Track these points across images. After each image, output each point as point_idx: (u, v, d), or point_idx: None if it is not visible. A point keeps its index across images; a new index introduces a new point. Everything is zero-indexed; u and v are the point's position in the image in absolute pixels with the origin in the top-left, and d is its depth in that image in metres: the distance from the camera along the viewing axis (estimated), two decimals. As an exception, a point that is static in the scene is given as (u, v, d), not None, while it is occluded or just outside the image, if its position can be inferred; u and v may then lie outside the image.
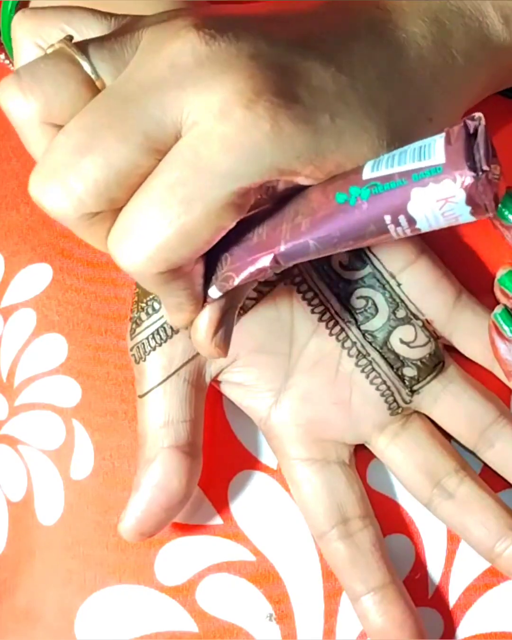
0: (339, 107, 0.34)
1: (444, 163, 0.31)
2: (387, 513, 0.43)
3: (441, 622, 0.43)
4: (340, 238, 0.33)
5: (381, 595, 0.41)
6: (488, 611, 0.42)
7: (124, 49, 0.35)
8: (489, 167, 0.31)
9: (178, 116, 0.33)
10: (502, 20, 0.39)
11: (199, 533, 0.43)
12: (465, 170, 0.31)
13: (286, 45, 0.34)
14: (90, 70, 0.34)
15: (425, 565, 0.43)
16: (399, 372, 0.42)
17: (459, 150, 0.31)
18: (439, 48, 0.37)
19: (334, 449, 0.42)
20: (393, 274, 0.42)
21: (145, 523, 0.41)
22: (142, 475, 0.41)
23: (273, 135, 0.32)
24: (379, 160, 0.33)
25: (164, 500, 0.41)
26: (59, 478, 0.44)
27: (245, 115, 0.32)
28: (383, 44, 0.36)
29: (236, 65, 0.33)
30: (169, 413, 0.41)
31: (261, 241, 0.35)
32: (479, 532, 0.41)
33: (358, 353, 0.42)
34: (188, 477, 0.41)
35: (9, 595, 0.44)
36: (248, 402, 0.43)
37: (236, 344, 0.41)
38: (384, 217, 0.32)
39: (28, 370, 0.45)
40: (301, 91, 0.33)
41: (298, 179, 0.34)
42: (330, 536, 0.42)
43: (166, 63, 0.33)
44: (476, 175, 0.31)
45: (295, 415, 0.42)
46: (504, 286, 0.41)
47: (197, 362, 0.42)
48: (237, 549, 0.43)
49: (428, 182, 0.31)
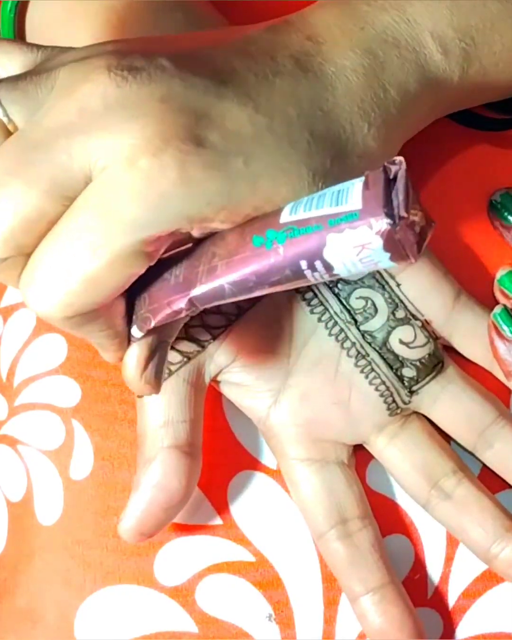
0: (254, 150, 0.33)
1: (360, 209, 0.30)
2: (386, 514, 0.43)
3: (440, 623, 0.43)
4: (255, 282, 0.33)
5: (380, 596, 0.41)
6: (487, 612, 0.42)
7: (38, 89, 0.34)
8: (408, 212, 0.30)
9: (86, 162, 0.32)
10: (441, 49, 0.38)
11: (198, 533, 0.43)
12: (381, 216, 0.30)
13: (203, 85, 0.33)
14: (2, 114, 0.33)
15: (424, 566, 0.43)
16: (399, 373, 0.42)
17: (377, 195, 0.30)
18: (371, 81, 0.36)
19: (333, 449, 0.42)
20: (392, 275, 0.42)
21: (145, 523, 0.41)
22: (141, 475, 0.41)
23: (180, 183, 0.32)
24: (298, 203, 0.32)
25: (164, 500, 0.41)
26: (59, 478, 0.44)
27: (152, 164, 0.32)
28: (308, 79, 0.35)
29: (146, 109, 0.32)
30: (168, 413, 0.41)
31: (178, 283, 0.34)
32: (476, 533, 0.41)
33: (357, 353, 0.42)
34: (188, 477, 0.41)
35: (9, 595, 0.44)
36: (247, 402, 0.43)
37: (236, 344, 0.42)
38: (300, 262, 0.32)
39: (28, 370, 0.45)
40: (212, 135, 0.33)
41: (212, 224, 0.33)
42: (329, 536, 0.41)
43: (76, 107, 0.33)
44: (392, 222, 0.30)
45: (294, 415, 0.42)
46: (504, 286, 0.42)
47: (196, 362, 0.42)
48: (237, 549, 0.43)
49: (344, 228, 0.31)
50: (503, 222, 0.41)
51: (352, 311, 0.42)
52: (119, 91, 0.33)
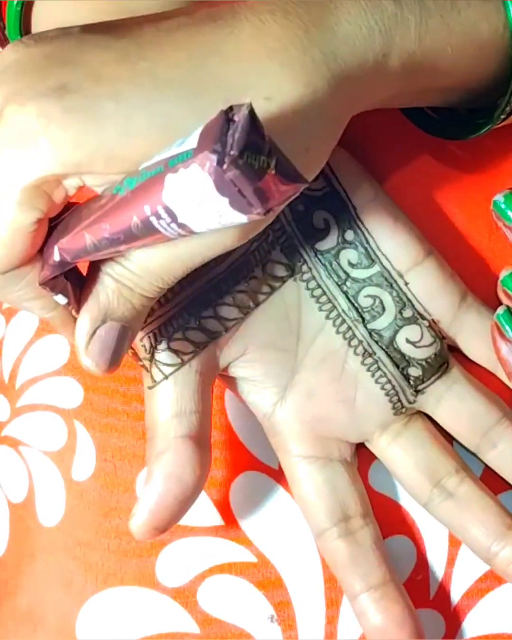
0: (128, 92, 0.32)
1: (194, 148, 0.29)
2: (389, 514, 0.43)
3: (443, 624, 0.43)
4: (110, 232, 0.32)
5: (381, 593, 0.41)
6: (490, 613, 0.42)
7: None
8: (243, 153, 0.28)
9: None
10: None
11: (200, 534, 0.43)
12: (209, 153, 0.28)
13: (85, 39, 0.34)
14: None
15: (427, 567, 0.43)
16: (405, 372, 0.42)
17: (210, 134, 0.28)
18: (291, 22, 0.34)
19: (336, 447, 0.42)
20: (401, 273, 0.42)
21: (159, 516, 0.39)
22: (154, 467, 0.39)
23: (42, 128, 0.32)
24: (162, 151, 0.31)
25: (179, 492, 0.39)
26: (61, 479, 0.44)
27: (16, 113, 0.32)
28: (214, 27, 0.34)
29: (29, 65, 0.33)
30: (180, 403, 0.40)
31: (57, 237, 0.34)
32: (476, 532, 0.41)
33: (364, 352, 0.42)
34: (202, 467, 0.40)
35: (10, 596, 0.44)
36: (253, 397, 0.42)
37: (245, 339, 0.41)
38: (144, 208, 0.30)
39: (30, 371, 0.45)
40: (80, 80, 0.33)
41: (95, 174, 0.33)
42: (330, 534, 0.41)
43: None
44: (221, 159, 0.28)
45: (299, 412, 0.42)
46: (507, 287, 0.42)
47: (207, 354, 0.41)
48: (239, 550, 0.43)
49: (179, 168, 0.29)
50: (507, 222, 0.41)
51: (360, 309, 0.42)
52: (25, 52, 0.34)
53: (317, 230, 0.42)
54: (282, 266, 0.42)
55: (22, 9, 0.42)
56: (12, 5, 0.41)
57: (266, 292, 0.42)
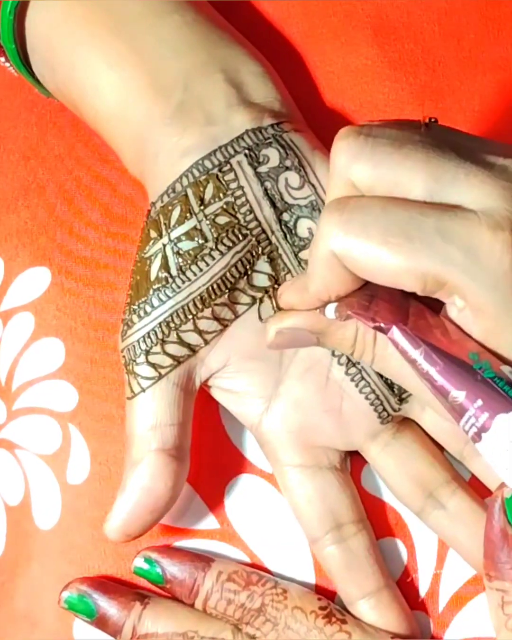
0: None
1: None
2: (379, 516, 0.43)
3: (430, 625, 0.43)
4: (436, 372, 0.34)
5: (376, 600, 0.42)
6: (477, 615, 0.43)
7: None
8: None
9: None
10: None
11: (195, 537, 0.43)
12: None
13: None
14: None
15: (416, 569, 0.43)
16: (388, 381, 0.42)
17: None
18: None
19: (325, 455, 0.42)
20: None
21: (131, 524, 0.41)
22: (128, 477, 0.41)
23: None
24: None
25: (150, 503, 0.40)
26: (56, 483, 0.44)
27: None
28: None
29: None
30: (157, 416, 0.41)
31: (397, 311, 0.36)
32: (469, 544, 0.41)
33: (348, 361, 0.42)
34: (174, 480, 0.41)
35: (7, 598, 0.44)
36: (239, 408, 0.42)
37: (227, 350, 0.41)
38: (474, 403, 0.34)
39: (26, 374, 0.45)
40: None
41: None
42: (324, 541, 0.42)
43: None
44: None
45: (286, 422, 0.42)
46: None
47: (187, 366, 0.41)
48: (234, 552, 0.43)
49: None
50: None
51: None
52: None
53: (301, 240, 0.41)
54: (265, 276, 0.41)
55: (16, 11, 0.41)
56: (6, 6, 0.41)
57: (247, 303, 0.41)
